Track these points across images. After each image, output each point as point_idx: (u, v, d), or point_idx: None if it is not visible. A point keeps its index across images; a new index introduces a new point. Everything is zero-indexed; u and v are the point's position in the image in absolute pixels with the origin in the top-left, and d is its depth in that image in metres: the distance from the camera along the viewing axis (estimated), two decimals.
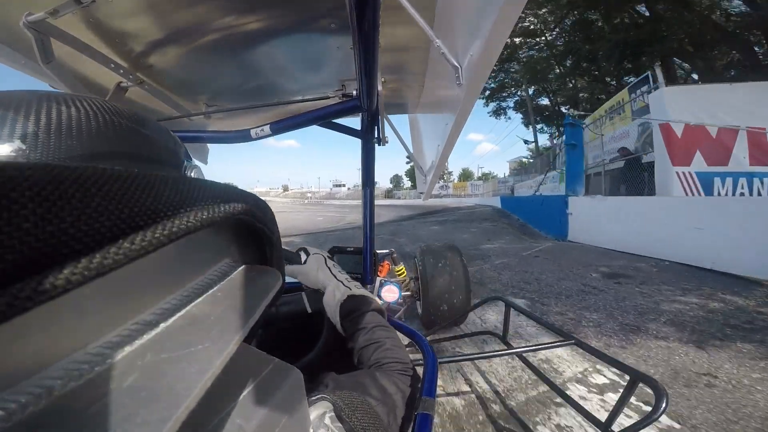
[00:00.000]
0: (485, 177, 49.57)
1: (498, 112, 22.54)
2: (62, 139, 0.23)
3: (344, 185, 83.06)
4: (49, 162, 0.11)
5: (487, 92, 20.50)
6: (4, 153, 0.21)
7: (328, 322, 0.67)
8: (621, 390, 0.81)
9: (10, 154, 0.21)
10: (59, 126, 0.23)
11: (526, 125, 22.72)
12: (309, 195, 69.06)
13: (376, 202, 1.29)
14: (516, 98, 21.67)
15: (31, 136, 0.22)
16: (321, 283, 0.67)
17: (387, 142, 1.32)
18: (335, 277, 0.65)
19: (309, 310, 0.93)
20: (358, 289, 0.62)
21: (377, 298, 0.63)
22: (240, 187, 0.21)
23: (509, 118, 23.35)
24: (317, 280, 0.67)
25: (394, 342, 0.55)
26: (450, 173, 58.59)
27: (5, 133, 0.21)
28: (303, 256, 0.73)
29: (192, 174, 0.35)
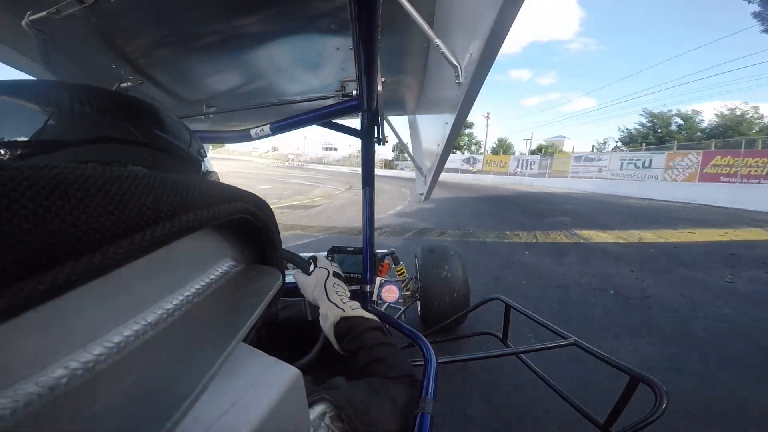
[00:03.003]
0: (544, 150, 32.67)
1: None
2: (69, 124, 0.24)
3: (335, 149, 71.63)
4: (50, 162, 0.11)
5: None
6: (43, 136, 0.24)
7: None
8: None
9: (46, 138, 0.23)
10: (68, 112, 0.24)
11: None
12: (291, 157, 62.34)
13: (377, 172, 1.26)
14: None
15: (68, 121, 0.23)
16: (315, 300, 0.67)
17: (387, 142, 1.32)
18: (328, 298, 0.64)
19: (309, 318, 0.94)
20: (353, 309, 0.62)
21: (375, 317, 0.62)
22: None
23: None
24: (313, 296, 0.68)
25: (397, 357, 0.54)
26: (477, 143, 41.19)
27: (45, 117, 0.23)
28: (311, 266, 0.73)
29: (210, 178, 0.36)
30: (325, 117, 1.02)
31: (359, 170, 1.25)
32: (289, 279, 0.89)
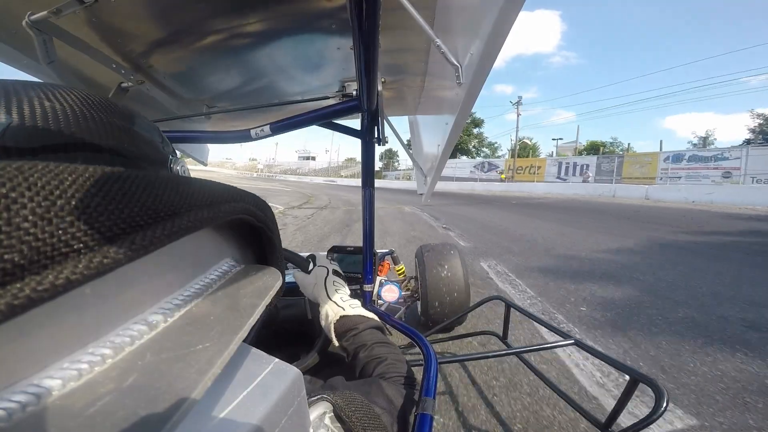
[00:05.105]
0: (602, 149, 22.45)
1: None
2: (34, 129, 0.22)
3: (313, 158, 66.77)
4: (50, 162, 0.11)
5: None
6: None
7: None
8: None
9: None
10: (33, 115, 0.23)
11: None
12: (260, 167, 61.78)
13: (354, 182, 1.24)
14: None
15: (2, 124, 0.21)
16: (315, 298, 0.68)
17: (387, 142, 1.32)
18: (329, 297, 0.65)
19: (309, 316, 0.94)
20: (353, 308, 0.62)
21: (374, 316, 0.62)
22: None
23: None
24: (313, 295, 0.68)
25: (395, 357, 0.55)
26: (494, 144, 35.41)
27: None
28: (311, 265, 0.73)
29: (179, 168, 0.34)
30: (325, 117, 1.02)
31: (338, 181, 1.24)
32: (288, 278, 0.90)
